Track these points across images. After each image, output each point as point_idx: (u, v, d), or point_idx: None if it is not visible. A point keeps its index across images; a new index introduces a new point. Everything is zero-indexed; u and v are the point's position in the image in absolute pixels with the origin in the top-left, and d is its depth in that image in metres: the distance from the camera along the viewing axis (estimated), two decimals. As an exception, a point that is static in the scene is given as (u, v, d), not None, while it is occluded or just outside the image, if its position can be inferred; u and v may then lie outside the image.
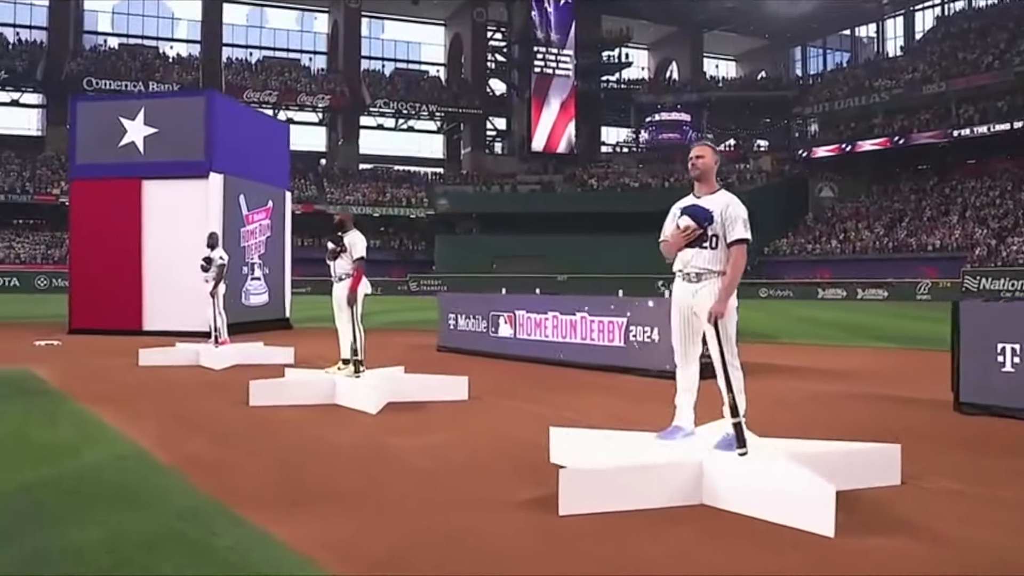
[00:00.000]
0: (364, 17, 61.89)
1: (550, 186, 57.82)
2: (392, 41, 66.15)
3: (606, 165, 61.74)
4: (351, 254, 7.15)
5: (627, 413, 6.61)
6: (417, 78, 63.53)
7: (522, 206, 54.74)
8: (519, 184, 57.65)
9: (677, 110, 63.92)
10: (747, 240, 4.30)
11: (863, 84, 54.95)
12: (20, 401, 6.71)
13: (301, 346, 10.75)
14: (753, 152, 64.44)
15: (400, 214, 55.43)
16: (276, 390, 6.68)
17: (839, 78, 59.71)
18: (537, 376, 9.09)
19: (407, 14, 63.64)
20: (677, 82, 67.76)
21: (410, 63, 65.86)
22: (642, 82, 67.77)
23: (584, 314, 9.80)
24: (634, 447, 4.40)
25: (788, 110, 60.66)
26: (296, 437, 5.42)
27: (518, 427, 5.90)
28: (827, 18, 62.76)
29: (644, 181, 57.00)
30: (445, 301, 11.94)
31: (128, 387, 7.72)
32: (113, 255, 14.21)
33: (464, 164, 62.62)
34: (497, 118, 64.98)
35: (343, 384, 6.75)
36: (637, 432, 4.87)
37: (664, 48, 70.60)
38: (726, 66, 73.03)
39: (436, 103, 60.92)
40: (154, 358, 9.46)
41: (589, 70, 63.58)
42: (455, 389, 7.08)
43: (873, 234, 47.55)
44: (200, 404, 6.74)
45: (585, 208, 53.10)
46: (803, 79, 66.48)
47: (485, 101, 62.78)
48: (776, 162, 59.57)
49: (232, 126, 15.05)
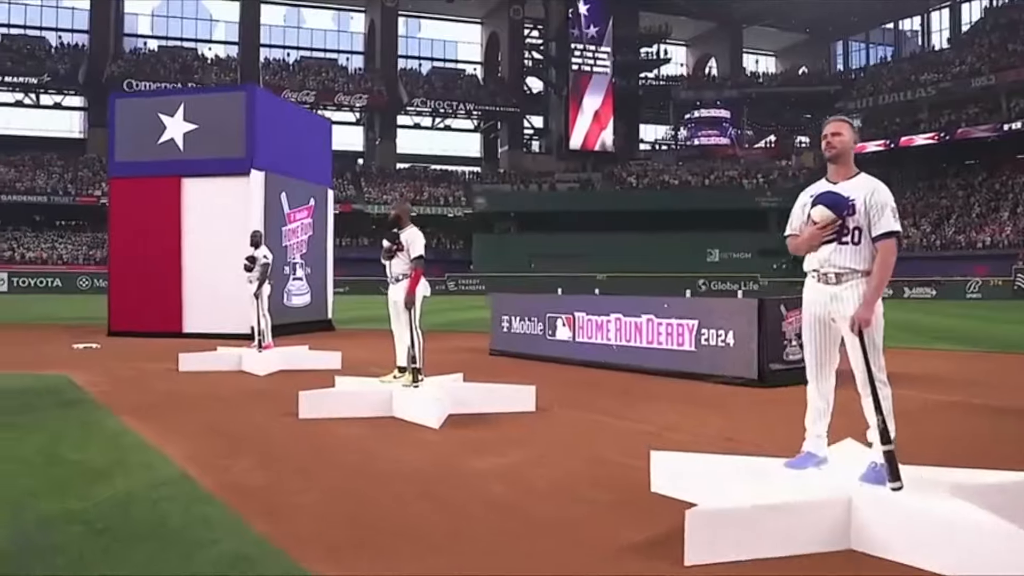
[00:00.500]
0: (401, 16, 61.70)
1: (588, 184, 57.01)
2: (429, 40, 65.91)
3: (645, 163, 60.75)
4: (408, 253, 6.52)
5: (718, 428, 5.90)
6: (454, 77, 63.13)
7: (560, 205, 54.06)
8: (557, 183, 56.93)
9: (716, 106, 62.82)
10: (898, 233, 3.56)
11: (908, 78, 53.43)
12: (54, 413, 6.19)
13: (347, 350, 10.19)
14: (795, 148, 62.98)
15: (437, 213, 55.01)
16: (328, 401, 6.08)
17: (883, 72, 58.16)
18: (602, 383, 8.41)
19: (444, 13, 63.32)
20: (716, 78, 66.50)
21: (447, 62, 65.53)
22: (681, 79, 66.66)
23: (650, 316, 9.10)
24: (758, 477, 3.70)
25: (830, 105, 59.11)
26: (354, 457, 4.80)
27: (599, 444, 5.24)
28: (870, 11, 61.19)
29: (684, 179, 55.99)
30: (498, 302, 11.28)
31: (167, 396, 7.19)
32: (152, 255, 13.81)
33: (501, 163, 62.10)
34: (534, 116, 64.37)
35: (401, 395, 6.13)
36: (751, 457, 4.17)
37: (703, 44, 69.44)
38: (765, 62, 71.70)
39: (473, 102, 60.44)
40: (194, 363, 8.95)
41: (627, 67, 62.70)
42: (521, 399, 6.43)
43: (920, 231, 46.13)
44: (245, 417, 6.16)
45: (624, 207, 52.21)
46: (845, 74, 64.87)
47: (522, 99, 62.19)
48: (818, 158, 58.00)
49: (273, 121, 14.56)
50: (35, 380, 8.01)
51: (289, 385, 7.70)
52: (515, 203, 54.83)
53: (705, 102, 62.76)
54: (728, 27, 65.96)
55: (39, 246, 47.52)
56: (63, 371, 8.71)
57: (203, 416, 6.16)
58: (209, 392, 7.40)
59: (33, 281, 42.69)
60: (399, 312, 6.49)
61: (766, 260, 49.15)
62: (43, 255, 46.48)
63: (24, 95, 53.87)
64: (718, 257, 51.10)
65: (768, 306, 8.22)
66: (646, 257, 46.52)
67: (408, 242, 6.51)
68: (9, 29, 55.79)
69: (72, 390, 7.39)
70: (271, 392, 7.41)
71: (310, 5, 62.66)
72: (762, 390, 7.86)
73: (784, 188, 53.06)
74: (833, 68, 67.75)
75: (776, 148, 63.97)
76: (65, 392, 7.25)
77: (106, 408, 6.36)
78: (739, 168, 56.97)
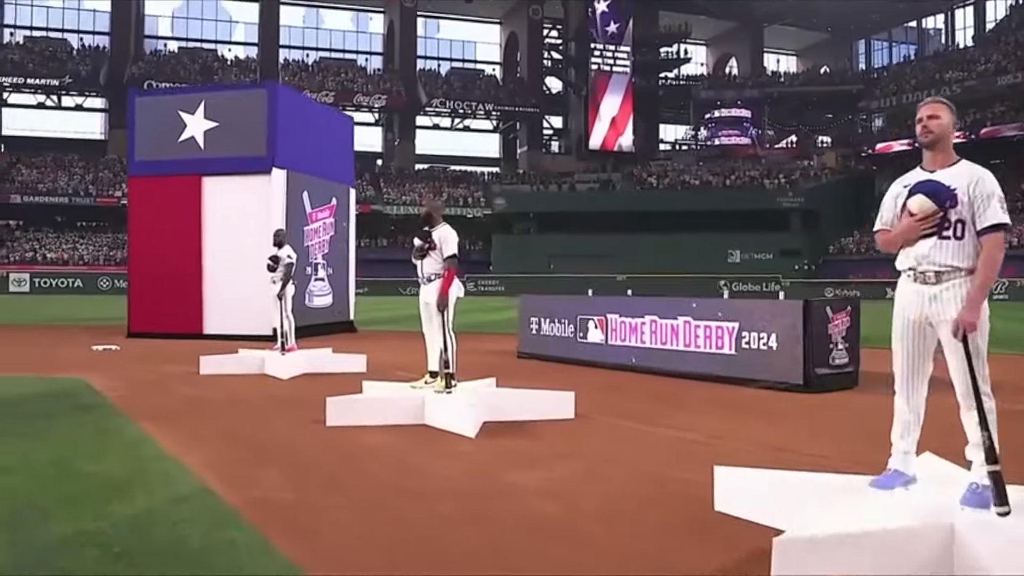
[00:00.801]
0: (419, 17, 61.58)
1: (608, 185, 56.54)
2: (448, 40, 65.72)
3: (665, 163, 60.20)
4: (441, 252, 6.19)
5: (767, 437, 5.53)
6: (473, 77, 62.90)
7: (580, 205, 53.67)
8: (577, 183, 56.50)
9: (737, 106, 62.15)
10: (1007, 226, 3.15)
11: (933, 76, 52.62)
12: (70, 420, 5.90)
13: (371, 352, 9.87)
14: (816, 148, 62.21)
15: (457, 214, 54.72)
16: (357, 408, 5.75)
17: (907, 71, 57.35)
18: (639, 388, 8.05)
19: (462, 13, 63.12)
20: (737, 77, 65.83)
21: (466, 62, 65.32)
22: (701, 78, 66.06)
23: (687, 318, 8.72)
24: (842, 498, 3.32)
25: (853, 105, 58.53)
26: (388, 470, 4.46)
27: (647, 456, 4.88)
28: (892, 10, 60.44)
29: (704, 179, 55.40)
30: (527, 304, 10.92)
31: (188, 401, 6.89)
32: (172, 255, 13.56)
33: (520, 163, 61.80)
34: (553, 117, 64.00)
35: (434, 401, 5.79)
36: (825, 473, 3.80)
37: (723, 43, 68.82)
38: (786, 61, 70.95)
39: (492, 102, 60.19)
40: (216, 366, 8.66)
41: (647, 67, 62.23)
42: (560, 406, 6.09)
43: (944, 232, 45.24)
44: (270, 424, 5.84)
45: (645, 207, 51.69)
46: (868, 73, 63.97)
47: (541, 99, 61.90)
48: (840, 158, 57.39)
49: (295, 119, 14.28)
50: (52, 384, 7.76)
51: (314, 390, 7.40)
52: (535, 204, 54.45)
53: (726, 102, 62.07)
54: (748, 26, 65.30)
55: (60, 247, 47.72)
56: (81, 374, 8.46)
57: (225, 423, 5.86)
58: (231, 397, 7.10)
59: (54, 282, 42.86)
60: (431, 314, 6.16)
61: (788, 261, 48.56)
62: (64, 256, 46.67)
63: (46, 97, 54.23)
64: (739, 258, 50.50)
65: (814, 308, 7.83)
66: (666, 258, 46.09)
67: (440, 241, 6.18)
68: (32, 31, 56.24)
69: (89, 394, 7.12)
70: (296, 397, 7.11)
71: (329, 6, 62.65)
72: (808, 396, 7.48)
73: (805, 188, 52.46)
74: (855, 67, 66.86)
75: (797, 148, 63.20)
76: (82, 396, 6.97)
77: (124, 414, 6.07)
78: (760, 168, 56.31)
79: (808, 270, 48.84)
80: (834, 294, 42.45)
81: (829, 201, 51.72)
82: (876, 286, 42.08)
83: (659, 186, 55.42)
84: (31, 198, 48.05)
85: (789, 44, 69.50)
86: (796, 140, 65.63)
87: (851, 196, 52.09)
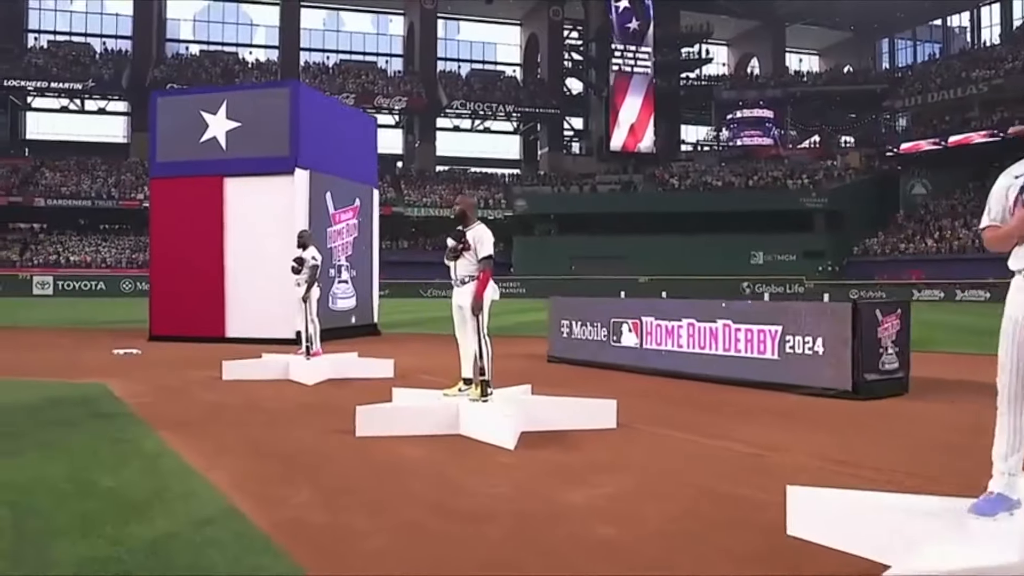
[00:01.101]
0: (439, 18, 61.40)
1: (630, 186, 56.06)
2: (468, 42, 65.54)
3: (687, 164, 59.62)
4: (475, 252, 5.85)
5: (825, 448, 5.17)
6: (493, 78, 62.63)
7: (602, 207, 53.20)
8: (598, 184, 56.06)
9: (760, 106, 61.44)
10: None
11: (959, 75, 51.67)
12: (89, 428, 5.64)
13: (396, 356, 9.57)
14: (841, 149, 61.37)
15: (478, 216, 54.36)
16: (388, 418, 5.44)
17: (932, 69, 56.35)
18: (679, 395, 7.70)
19: (482, 14, 62.91)
20: (759, 77, 65.11)
21: (486, 64, 65.07)
22: (723, 78, 65.39)
23: (727, 321, 8.35)
24: (942, 525, 2.96)
25: (877, 104, 57.64)
26: (427, 486, 4.14)
27: (701, 470, 4.53)
28: (917, 8, 59.53)
29: (727, 180, 54.77)
30: (557, 306, 10.57)
31: (211, 409, 6.61)
32: (194, 257, 13.33)
33: (541, 165, 61.46)
34: (574, 118, 63.60)
35: (470, 411, 5.47)
36: (915, 496, 3.44)
37: (744, 43, 68.15)
38: (808, 60, 70.09)
39: (512, 103, 59.88)
40: (239, 371, 8.38)
41: (668, 67, 61.66)
42: (601, 415, 5.75)
43: (971, 232, 44.46)
44: (297, 434, 5.54)
45: (667, 208, 51.15)
46: (892, 72, 63.03)
47: (562, 101, 61.52)
48: (864, 158, 56.57)
49: (318, 119, 14.03)
50: (71, 389, 7.53)
51: (341, 396, 7.11)
52: (556, 205, 54.07)
53: (748, 102, 61.37)
54: (770, 26, 64.60)
55: (83, 249, 47.95)
56: (101, 379, 8.22)
57: (251, 433, 5.56)
58: (256, 404, 6.82)
59: (78, 284, 43.04)
60: (465, 318, 5.83)
61: (811, 262, 47.88)
62: (87, 258, 46.88)
63: (69, 101, 54.56)
64: (762, 259, 49.91)
65: (863, 311, 7.45)
66: (689, 260, 45.59)
67: (475, 241, 5.84)
68: (55, 36, 56.66)
69: (109, 401, 6.86)
70: (322, 404, 6.82)
71: (349, 8, 62.64)
72: (858, 403, 7.12)
73: (829, 189, 51.76)
74: (879, 66, 65.95)
75: (820, 148, 62.41)
76: (101, 403, 6.72)
77: (145, 423, 5.79)
78: (783, 169, 55.61)
79: (832, 271, 48.14)
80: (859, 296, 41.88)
81: (853, 201, 51.02)
82: (902, 287, 41.48)
83: (681, 187, 54.85)
84: (55, 201, 48.24)
85: (811, 43, 68.67)
86: (819, 140, 64.82)
87: (875, 196, 51.47)
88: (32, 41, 56.05)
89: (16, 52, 53.05)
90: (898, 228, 49.07)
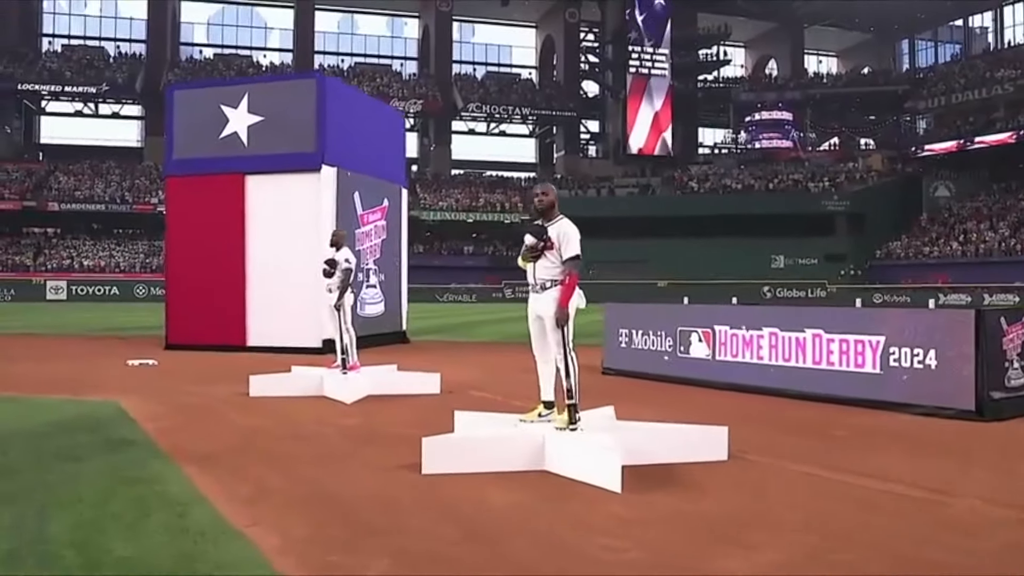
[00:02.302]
0: (455, 21, 60.73)
1: (648, 189, 55.07)
2: (483, 44, 64.92)
3: (706, 167, 58.62)
4: (560, 252, 4.83)
5: (1009, 492, 4.20)
6: (509, 81, 61.88)
7: (620, 210, 52.30)
8: (616, 188, 55.10)
9: (779, 109, 60.49)
10: None
11: (984, 75, 50.59)
12: (100, 464, 4.70)
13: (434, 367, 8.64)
14: (861, 151, 60.23)
15: (493, 220, 53.70)
16: (461, 451, 4.48)
17: (955, 70, 55.19)
18: (771, 415, 6.74)
19: (498, 17, 62.26)
20: (778, 79, 64.04)
21: (501, 66, 64.35)
22: (739, 80, 64.38)
23: (818, 331, 7.38)
24: None
25: (898, 106, 56.58)
26: (534, 551, 3.17)
27: (877, 524, 3.57)
28: (939, 9, 58.44)
29: (747, 183, 53.75)
30: (614, 314, 9.60)
31: (244, 436, 5.64)
32: (213, 260, 12.39)
33: (557, 168, 60.67)
34: (590, 121, 62.69)
35: (558, 442, 4.52)
36: None
37: (762, 45, 67.18)
38: (827, 62, 69.03)
39: (529, 106, 59.06)
40: (268, 387, 7.45)
41: (685, 69, 60.72)
42: (710, 445, 4.80)
43: (998, 235, 43.32)
44: (353, 473, 4.56)
45: (686, 212, 50.21)
46: (913, 72, 61.87)
47: (578, 103, 60.69)
48: (887, 160, 55.44)
49: (345, 113, 13.11)
50: (80, 408, 6.63)
51: (389, 419, 6.20)
52: (574, 208, 50.93)
53: (767, 104, 60.40)
54: (788, 27, 63.57)
55: (97, 254, 47.44)
56: (114, 396, 7.33)
57: (296, 471, 4.59)
58: (295, 430, 5.86)
59: (91, 289, 42.60)
60: (546, 330, 4.85)
61: (833, 266, 46.87)
62: (101, 263, 46.37)
63: (83, 105, 54.18)
64: (783, 263, 49.03)
65: (987, 319, 6.48)
66: (709, 263, 44.75)
67: (560, 237, 4.82)
68: (69, 40, 56.30)
69: (123, 425, 5.94)
70: (370, 430, 5.86)
71: (364, 11, 62.11)
72: (984, 425, 6.15)
73: (851, 191, 50.75)
74: (899, 67, 64.82)
75: (840, 151, 61.32)
76: (115, 428, 5.80)
77: (166, 456, 4.86)
78: (804, 171, 54.56)
79: (854, 275, 47.14)
80: (883, 300, 40.74)
81: (875, 204, 50.08)
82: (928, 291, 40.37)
83: (700, 190, 53.90)
84: (68, 206, 47.91)
85: (829, 45, 67.66)
86: (838, 143, 63.75)
87: (897, 199, 50.59)
88: (46, 45, 55.80)
89: (30, 56, 52.78)
90: (921, 231, 48.06)
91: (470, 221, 53.05)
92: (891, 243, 47.89)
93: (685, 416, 5.83)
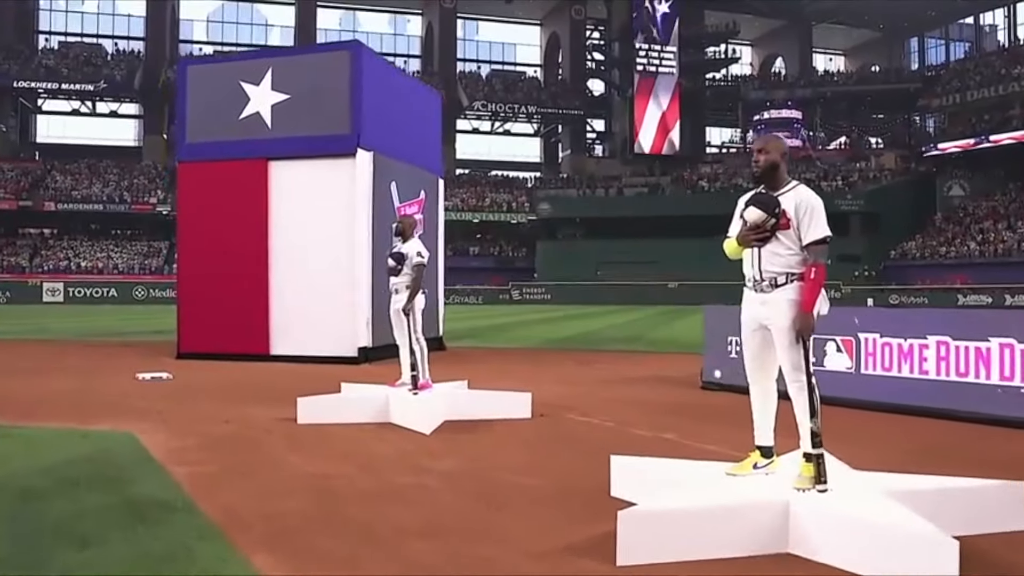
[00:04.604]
0: (459, 18, 59.53)
1: (657, 189, 53.75)
2: (487, 42, 63.87)
3: (716, 166, 57.35)
4: (798, 232, 3.37)
5: None
6: (514, 79, 60.65)
7: (628, 210, 51.18)
8: (625, 187, 53.77)
9: (787, 107, 59.55)
10: None
11: (999, 72, 49.42)
12: (123, 549, 3.10)
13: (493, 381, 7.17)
14: (872, 150, 59.06)
15: (499, 220, 52.33)
16: (669, 527, 2.94)
17: (969, 68, 53.96)
18: (953, 444, 5.30)
19: (502, 14, 61.12)
20: (786, 77, 62.89)
21: (506, 64, 63.17)
22: (747, 79, 63.24)
23: (1008, 340, 5.92)
24: None
25: (909, 104, 55.41)
26: None
27: None
28: (950, 6, 57.31)
29: (758, 182, 52.44)
30: (716, 317, 8.07)
31: (315, 492, 4.02)
32: (232, 257, 10.82)
33: (563, 167, 59.58)
34: (596, 119, 61.37)
35: (815, 515, 3.03)
36: None
37: (770, 43, 66.20)
38: (835, 61, 67.95)
39: (534, 104, 57.81)
40: (321, 413, 5.92)
41: (693, 67, 59.54)
42: (1010, 508, 3.33)
43: (1016, 235, 42.13)
44: (502, 559, 2.99)
45: (696, 211, 48.81)
46: (925, 70, 60.76)
47: (584, 102, 59.44)
48: (900, 159, 54.28)
49: (382, 91, 11.50)
50: (86, 444, 5.13)
51: (492, 459, 4.71)
52: (581, 209, 52.00)
53: (776, 102, 59.38)
54: (797, 25, 62.59)
55: (95, 255, 46.06)
56: (128, 423, 5.85)
57: (415, 558, 3.06)
58: (381, 481, 4.24)
59: (89, 291, 41.47)
60: (777, 344, 3.36)
61: (847, 266, 45.50)
62: (99, 264, 45.04)
63: (80, 103, 52.89)
64: (796, 264, 47.60)
65: None
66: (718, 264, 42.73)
67: (800, 212, 3.34)
68: (66, 37, 55.00)
69: (146, 472, 4.39)
70: (480, 479, 4.29)
71: (366, 8, 60.94)
72: None
73: (864, 191, 49.54)
74: (908, 65, 63.72)
75: (849, 149, 60.24)
76: (136, 478, 4.25)
77: (218, 531, 3.32)
78: (816, 170, 53.33)
79: (869, 276, 45.95)
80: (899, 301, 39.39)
81: (889, 204, 49.00)
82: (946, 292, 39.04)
83: (710, 190, 52.61)
84: (65, 205, 46.81)
85: (837, 43, 66.76)
86: (847, 142, 62.67)
87: (911, 198, 49.56)
88: (43, 42, 54.56)
89: (26, 53, 51.53)
90: (937, 231, 46.99)
91: (476, 221, 51.69)
92: (906, 243, 46.81)
93: (905, 454, 4.40)
